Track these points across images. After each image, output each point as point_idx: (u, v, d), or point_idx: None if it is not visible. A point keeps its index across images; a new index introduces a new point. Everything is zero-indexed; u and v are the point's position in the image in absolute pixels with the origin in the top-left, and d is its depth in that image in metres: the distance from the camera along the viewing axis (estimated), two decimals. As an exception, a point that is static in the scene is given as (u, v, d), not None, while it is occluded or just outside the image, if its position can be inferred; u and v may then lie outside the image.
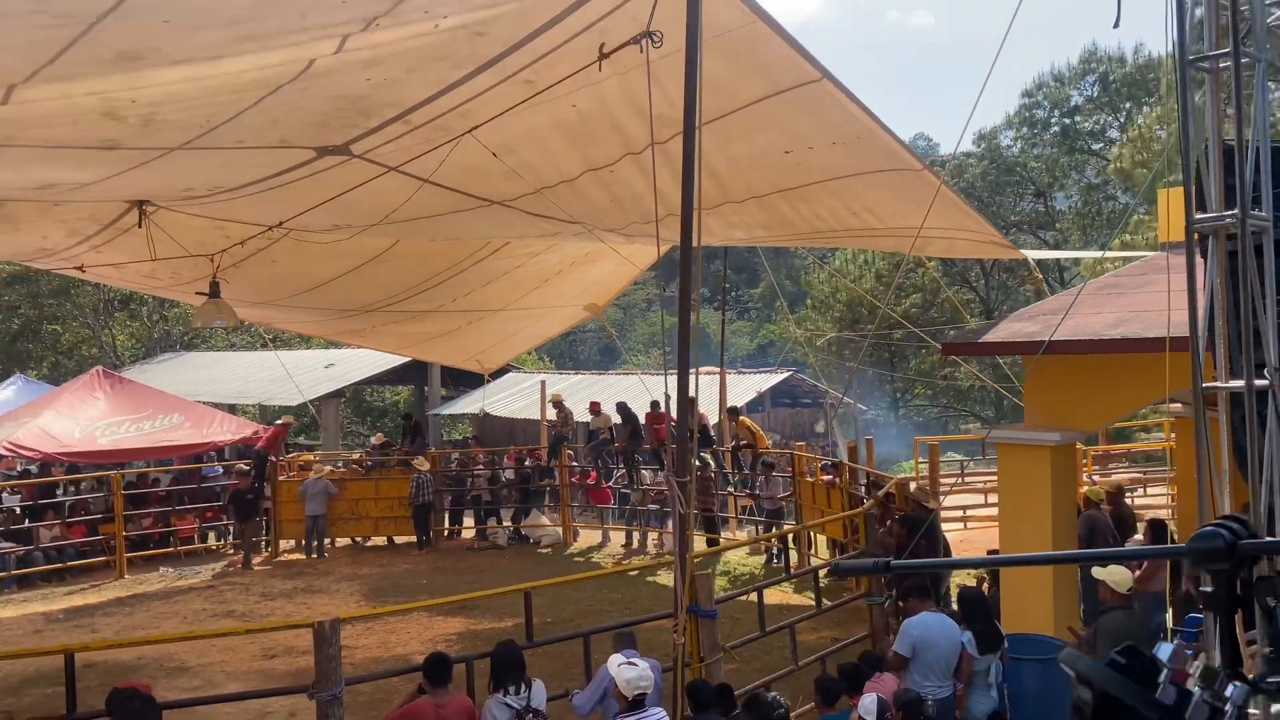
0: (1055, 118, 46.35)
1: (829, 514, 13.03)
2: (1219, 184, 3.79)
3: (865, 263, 35.85)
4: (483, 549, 17.17)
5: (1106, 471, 18.20)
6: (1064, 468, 8.10)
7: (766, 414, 26.04)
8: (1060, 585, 7.91)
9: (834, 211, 8.84)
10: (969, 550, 14.77)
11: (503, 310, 15.46)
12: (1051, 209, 45.03)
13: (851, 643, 9.16)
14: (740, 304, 57.24)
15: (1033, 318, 8.24)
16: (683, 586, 5.87)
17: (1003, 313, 36.58)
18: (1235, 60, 3.63)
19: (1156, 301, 7.71)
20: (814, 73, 6.58)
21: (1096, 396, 7.71)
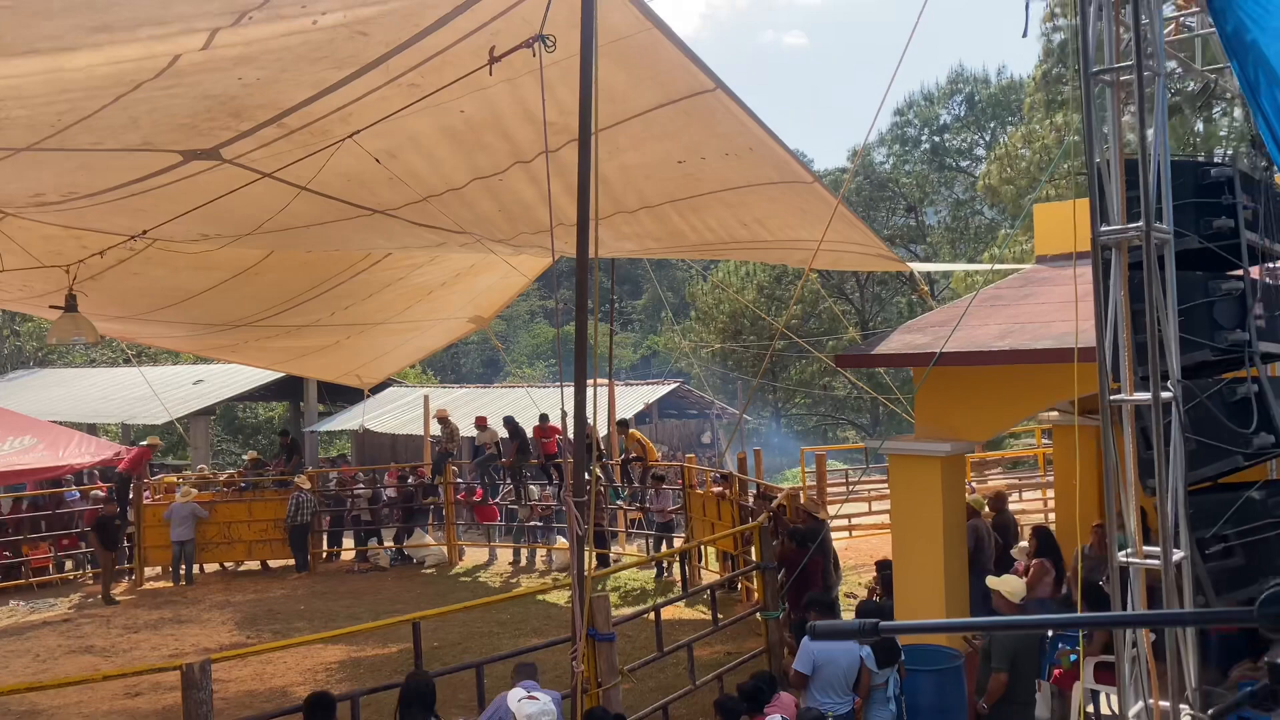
0: (925, 136, 48.09)
1: (719, 526, 12.98)
2: (1121, 196, 3.81)
3: (747, 275, 36.32)
4: (364, 571, 16.53)
5: (983, 478, 18.76)
6: (954, 477, 8.20)
7: (654, 426, 26.01)
8: (953, 596, 7.99)
9: (725, 223, 8.78)
10: (854, 558, 14.96)
11: (384, 324, 14.95)
12: (922, 224, 46.61)
13: (749, 658, 9.08)
14: (624, 315, 57.32)
15: (922, 330, 8.33)
16: (581, 611, 5.64)
17: (878, 324, 37.61)
18: (1138, 73, 3.64)
19: (1039, 313, 7.89)
20: (708, 82, 6.48)
21: (985, 407, 7.82)
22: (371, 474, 18.85)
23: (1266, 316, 4.37)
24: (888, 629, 1.33)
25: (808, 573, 9.09)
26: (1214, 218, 4.21)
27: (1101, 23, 3.85)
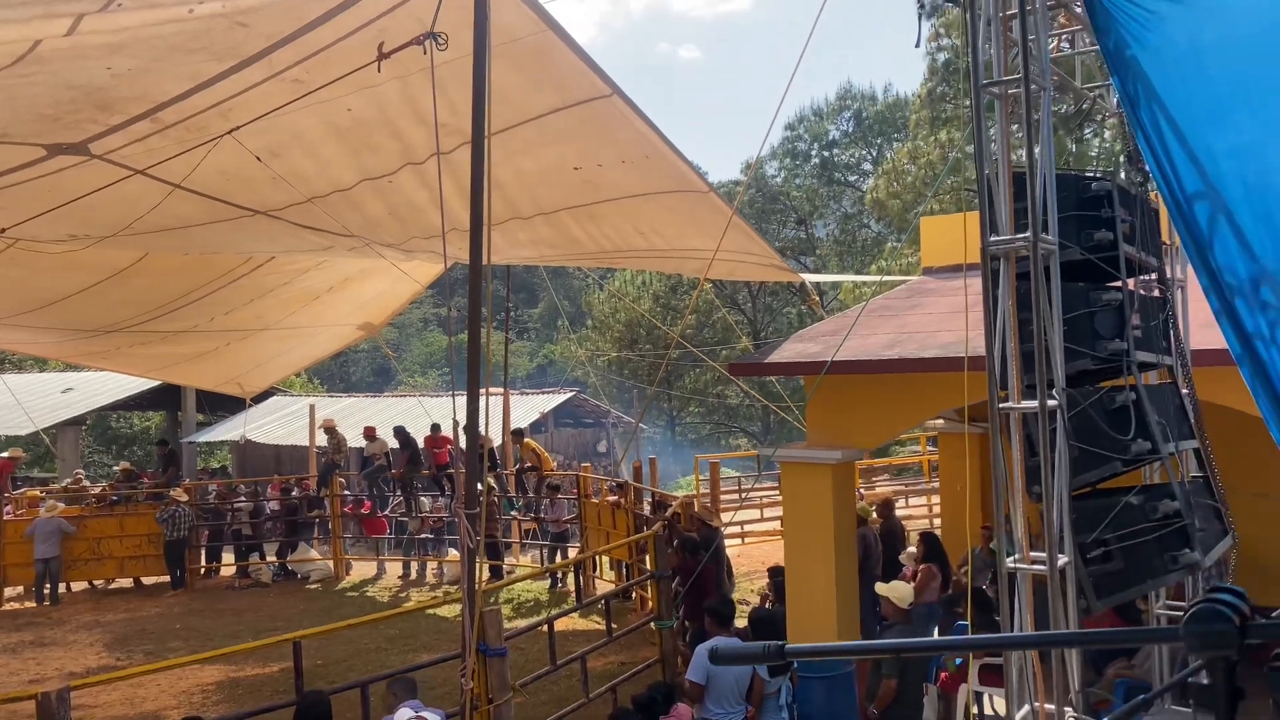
0: (815, 150, 49.20)
1: (614, 535, 12.90)
2: (1009, 208, 3.88)
3: (644, 284, 36.45)
4: (244, 587, 15.89)
5: (871, 485, 19.17)
6: (844, 484, 8.30)
7: (550, 435, 25.80)
8: (843, 602, 8.08)
9: (622, 231, 8.73)
10: (746, 564, 15.08)
11: (267, 330, 14.41)
12: (812, 236, 47.59)
13: (643, 668, 9.01)
14: (519, 324, 56.87)
15: (814, 339, 8.42)
16: (472, 627, 5.47)
17: (769, 334, 38.21)
18: (1025, 87, 3.72)
19: (926, 323, 8.07)
20: (605, 88, 6.41)
21: (876, 415, 7.95)
22: (254, 486, 18.16)
23: (1142, 326, 4.53)
24: (794, 653, 1.26)
25: (702, 581, 9.09)
26: (1094, 230, 4.34)
27: (990, 39, 3.92)
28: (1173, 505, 4.25)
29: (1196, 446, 5.07)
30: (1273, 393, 3.44)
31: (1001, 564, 3.89)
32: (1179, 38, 3.39)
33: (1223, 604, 1.04)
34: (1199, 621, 1.03)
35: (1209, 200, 3.52)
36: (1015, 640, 2.38)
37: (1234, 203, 3.51)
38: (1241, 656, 1.02)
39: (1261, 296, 3.46)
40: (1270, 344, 3.41)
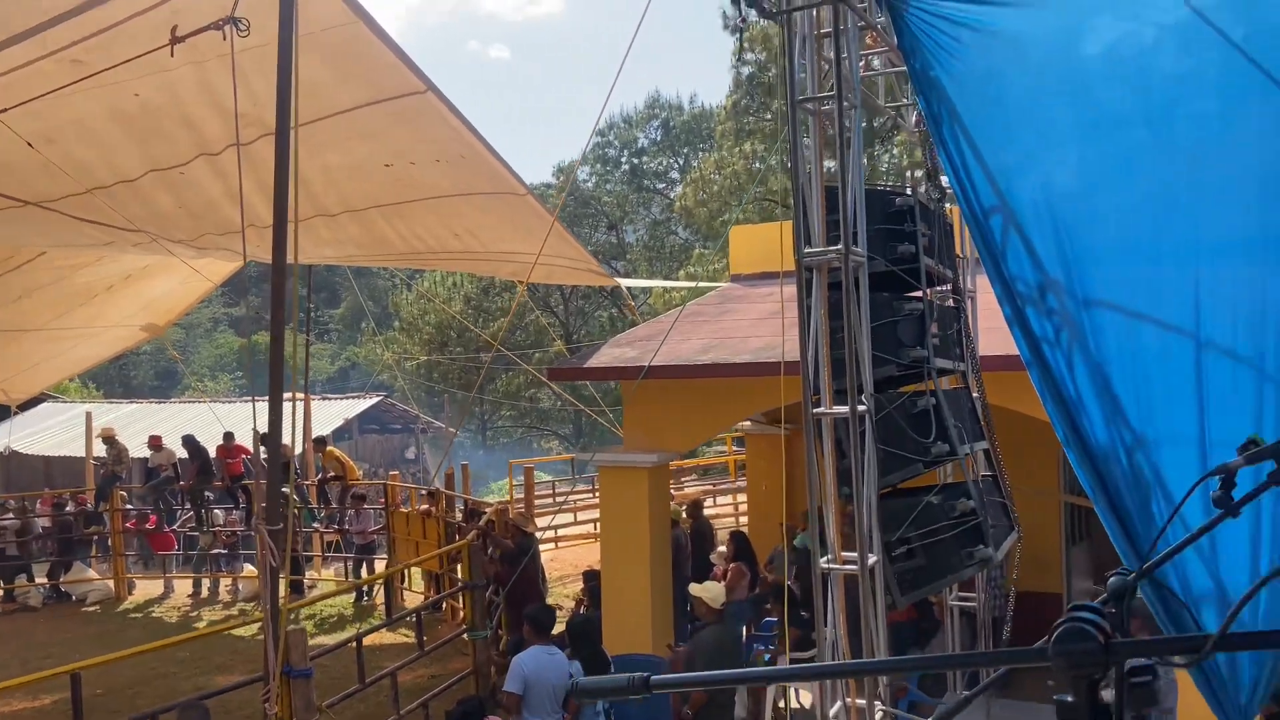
0: (625, 157, 49.87)
1: (425, 545, 12.56)
2: (822, 221, 4.01)
3: (454, 285, 35.80)
4: (10, 612, 14.47)
5: (680, 486, 19.54)
6: (660, 487, 8.41)
7: (355, 442, 24.89)
8: (658, 604, 8.17)
9: (435, 232, 8.51)
10: (560, 569, 15.05)
11: (37, 331, 13.18)
12: (623, 241, 48.20)
13: (455, 681, 8.80)
14: (320, 325, 54.66)
15: (630, 344, 8.48)
16: (275, 648, 5.16)
17: (582, 337, 38.39)
18: (839, 104, 3.85)
19: (738, 329, 8.28)
20: (419, 84, 6.22)
21: (691, 418, 8.08)
22: (21, 502, 16.56)
23: (940, 335, 4.79)
24: (660, 684, 1.21)
25: (520, 589, 8.96)
26: (898, 244, 4.56)
27: (805, 56, 4.04)
28: (968, 503, 4.52)
29: (987, 447, 5.42)
30: (1058, 394, 3.70)
31: (816, 565, 4.01)
32: (978, 63, 3.60)
33: (1087, 623, 1.07)
34: (1066, 642, 1.05)
35: (1002, 214, 3.75)
36: (880, 665, 2.44)
37: (1023, 217, 3.75)
38: (1104, 674, 1.05)
39: (1048, 304, 3.72)
40: (1056, 347, 3.67)
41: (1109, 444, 3.59)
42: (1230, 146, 3.56)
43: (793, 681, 6.78)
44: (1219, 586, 3.50)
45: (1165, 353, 3.62)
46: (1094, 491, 3.59)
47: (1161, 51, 3.61)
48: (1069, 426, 3.62)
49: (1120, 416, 3.62)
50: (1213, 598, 3.41)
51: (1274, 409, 3.36)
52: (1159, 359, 3.63)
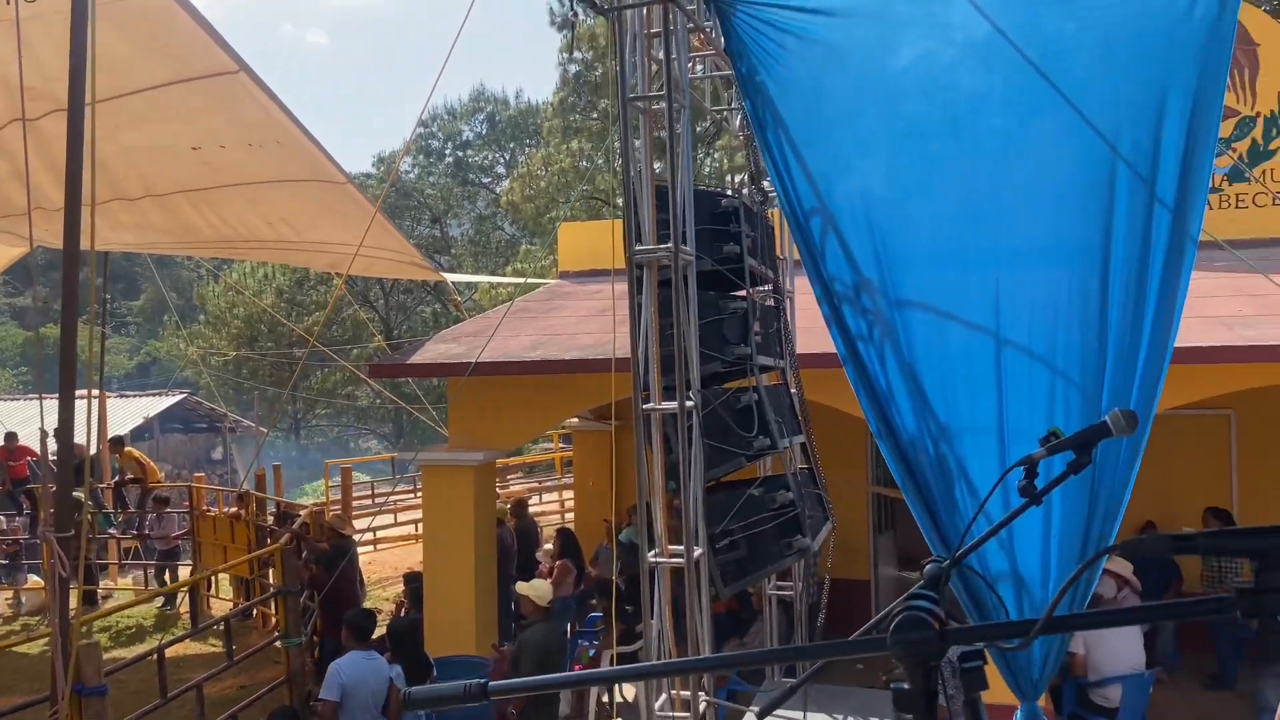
0: (449, 149, 48.99)
1: (233, 550, 11.93)
2: (652, 219, 4.05)
3: (266, 277, 34.18)
4: None
5: (505, 484, 19.37)
6: (486, 486, 8.30)
7: (156, 442, 23.37)
8: (482, 604, 8.06)
9: (247, 220, 8.08)
10: (380, 571, 14.62)
11: None
12: (447, 235, 47.35)
13: (266, 690, 8.39)
14: (116, 317, 51.09)
15: (456, 339, 8.33)
16: (65, 665, 4.77)
17: (403, 333, 37.44)
18: (669, 103, 3.89)
19: (567, 325, 8.27)
20: (231, 64, 5.89)
21: (518, 415, 8.01)
22: None
23: (762, 333, 4.93)
24: (497, 690, 1.17)
25: (337, 593, 8.64)
26: (724, 243, 4.66)
27: (635, 55, 4.07)
28: (788, 495, 4.67)
29: (804, 440, 5.62)
30: (871, 389, 3.88)
31: (643, 559, 4.04)
32: (800, 69, 3.72)
33: (923, 611, 1.10)
34: (905, 630, 1.09)
35: (821, 216, 3.89)
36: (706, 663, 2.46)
37: (841, 220, 3.91)
38: (939, 660, 1.09)
39: (863, 303, 3.89)
40: (870, 344, 3.84)
41: (917, 435, 3.79)
42: (1025, 159, 3.82)
43: (628, 681, 6.81)
44: (1014, 568, 3.76)
45: (969, 350, 3.85)
46: (903, 481, 3.79)
47: (963, 68, 3.84)
48: (881, 419, 3.81)
49: (928, 409, 3.83)
50: (1009, 578, 3.67)
51: (1063, 401, 3.63)
52: (963, 356, 3.86)
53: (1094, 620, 1.23)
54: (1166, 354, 3.49)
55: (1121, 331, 3.63)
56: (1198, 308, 7.18)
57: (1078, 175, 3.73)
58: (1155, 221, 3.60)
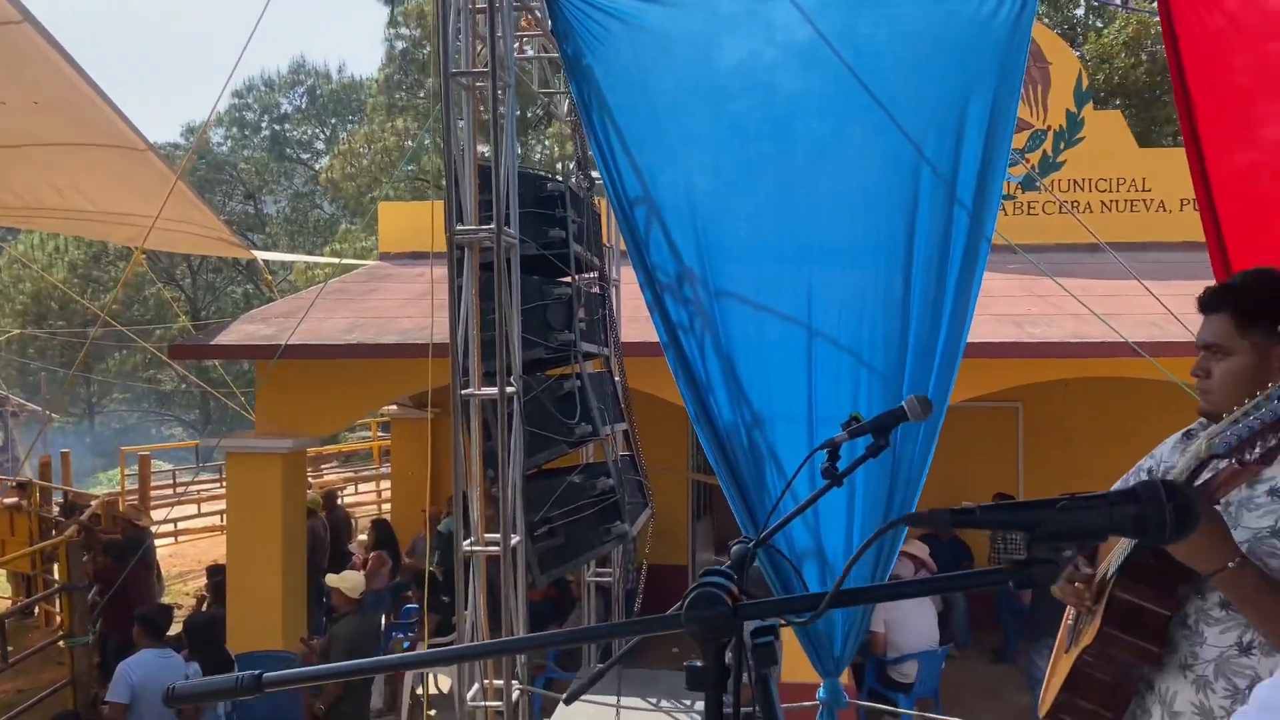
0: (266, 122, 46.66)
1: (12, 544, 10.99)
2: (475, 199, 3.96)
3: (57, 250, 31.62)
4: None
5: (318, 473, 18.69)
6: (295, 474, 7.95)
7: (-79, 427, 21.23)
8: (290, 597, 7.74)
9: (32, 186, 7.42)
10: (181, 565, 13.82)
11: None
12: (261, 212, 45.14)
13: (49, 693, 7.79)
14: (-122, 290, 46.15)
15: (265, 320, 7.93)
16: None
17: (212, 314, 35.48)
18: (493, 81, 3.81)
19: (386, 309, 8.03)
20: (13, 12, 5.37)
21: (332, 401, 7.71)
22: None
23: (586, 320, 4.93)
24: (273, 682, 1.09)
25: (127, 588, 8.09)
26: (549, 228, 4.62)
27: (460, 30, 3.96)
28: (608, 481, 4.69)
29: (626, 428, 5.66)
30: (690, 376, 3.94)
31: (457, 547, 3.96)
32: (627, 56, 3.72)
33: (717, 587, 1.10)
34: (698, 607, 1.08)
35: (646, 205, 3.92)
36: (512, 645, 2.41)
37: (665, 210, 3.95)
38: (734, 636, 1.09)
39: (684, 293, 3.94)
40: (690, 333, 3.90)
41: (733, 422, 3.88)
42: (839, 161, 3.97)
43: (420, 668, 6.68)
44: (819, 547, 3.91)
45: (783, 341, 3.97)
46: (718, 466, 3.87)
47: (784, 70, 3.95)
48: (699, 406, 3.87)
49: (743, 397, 3.93)
50: (814, 556, 3.81)
51: (868, 389, 3.80)
52: (777, 346, 3.98)
53: (880, 593, 1.27)
54: (961, 345, 3.70)
55: (921, 325, 3.82)
56: (991, 306, 7.70)
57: (886, 177, 3.90)
58: (955, 222, 3.81)
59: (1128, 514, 1.02)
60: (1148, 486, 1.02)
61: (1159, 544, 1.03)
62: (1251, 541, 1.78)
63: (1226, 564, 1.70)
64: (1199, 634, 1.90)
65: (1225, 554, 1.70)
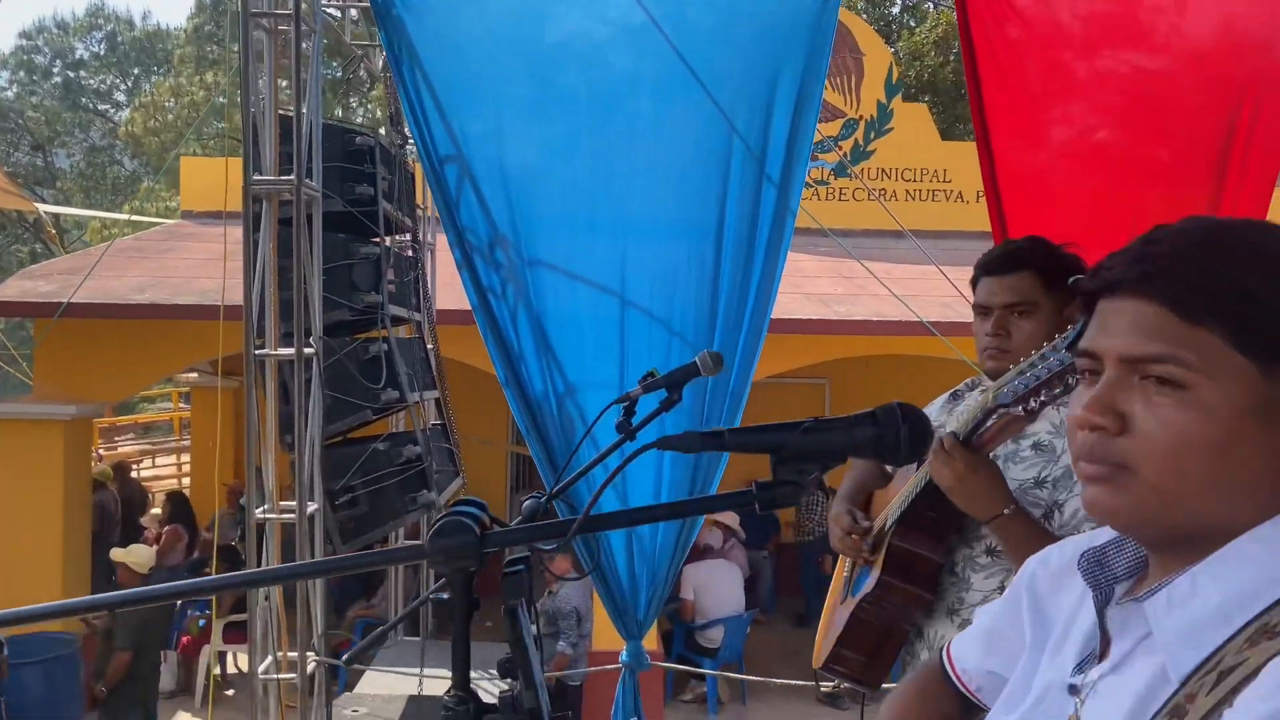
0: (59, 68, 42.97)
1: None
2: (275, 148, 3.75)
3: None
4: None
5: (112, 445, 17.49)
6: (79, 444, 7.40)
7: None
8: (72, 575, 7.21)
9: None
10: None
11: None
12: (52, 165, 41.63)
13: None
14: None
15: (46, 276, 7.32)
16: None
17: (-8, 272, 32.50)
18: (296, 24, 3.61)
19: (184, 269, 7.56)
20: None
21: (122, 365, 7.20)
22: None
23: (396, 282, 4.77)
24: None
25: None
26: (357, 184, 4.44)
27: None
28: (415, 450, 4.58)
29: (438, 396, 5.54)
30: (501, 341, 3.89)
31: (250, 515, 3.77)
32: (439, 6, 3.60)
33: (465, 516, 1.07)
34: (443, 536, 1.05)
35: (458, 165, 3.82)
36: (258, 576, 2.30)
37: (478, 172, 3.86)
38: (481, 566, 1.06)
39: (496, 258, 3.88)
40: (502, 300, 3.85)
41: (543, 390, 3.85)
42: (659, 138, 3.99)
43: (183, 598, 6.37)
44: (625, 506, 3.96)
45: (595, 311, 3.98)
46: (529, 433, 3.84)
47: (612, 48, 3.94)
48: (509, 371, 3.82)
49: (555, 365, 3.91)
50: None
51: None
52: (590, 316, 3.98)
53: (630, 517, 1.28)
54: (766, 318, 3.81)
55: (730, 297, 3.91)
56: (802, 285, 7.98)
57: (702, 154, 3.96)
58: (763, 197, 3.91)
59: (866, 435, 1.06)
60: (885, 410, 1.06)
61: (895, 463, 1.09)
62: (1016, 493, 1.90)
63: (1003, 510, 1.81)
64: (965, 580, 2.02)
65: (1001, 501, 1.82)
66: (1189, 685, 0.78)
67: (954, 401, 2.22)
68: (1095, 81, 3.53)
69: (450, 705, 1.08)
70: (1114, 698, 0.86)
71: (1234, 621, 0.78)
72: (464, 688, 1.09)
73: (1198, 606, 0.80)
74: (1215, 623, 0.79)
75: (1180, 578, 0.83)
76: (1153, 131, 3.57)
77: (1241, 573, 0.79)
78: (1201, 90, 3.49)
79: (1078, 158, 3.67)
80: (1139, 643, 0.86)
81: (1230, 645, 0.78)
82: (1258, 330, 0.78)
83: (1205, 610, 0.80)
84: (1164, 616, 0.82)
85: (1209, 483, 0.80)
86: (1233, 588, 0.79)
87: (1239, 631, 0.78)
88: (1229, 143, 3.58)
